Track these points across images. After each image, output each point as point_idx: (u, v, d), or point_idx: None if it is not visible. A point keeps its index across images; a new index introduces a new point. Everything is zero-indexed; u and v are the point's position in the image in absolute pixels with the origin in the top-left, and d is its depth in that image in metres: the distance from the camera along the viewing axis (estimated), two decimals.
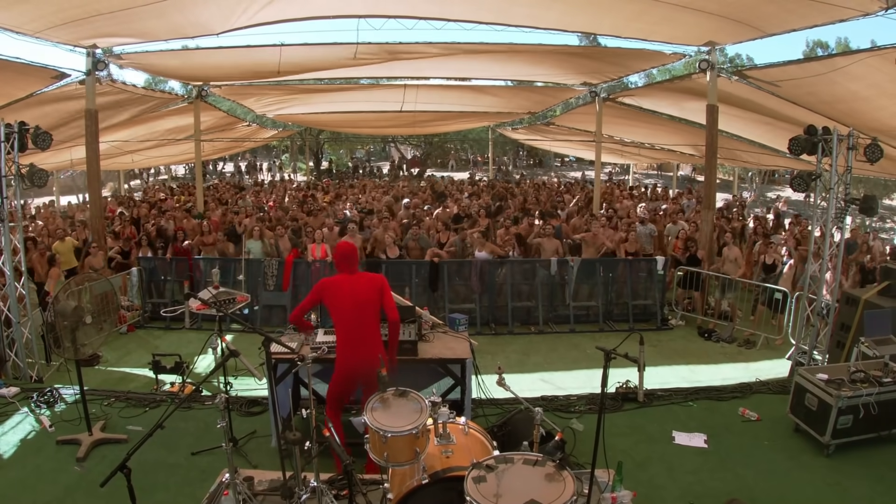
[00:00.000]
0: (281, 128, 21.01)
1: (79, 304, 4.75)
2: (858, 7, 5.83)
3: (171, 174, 28.56)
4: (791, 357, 6.65)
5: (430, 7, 7.63)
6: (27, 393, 5.44)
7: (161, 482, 4.03)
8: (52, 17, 6.69)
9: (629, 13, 7.41)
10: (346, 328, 3.80)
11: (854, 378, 4.58)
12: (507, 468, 2.60)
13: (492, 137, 24.45)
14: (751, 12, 6.78)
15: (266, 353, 3.22)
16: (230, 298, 5.30)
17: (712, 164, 9.11)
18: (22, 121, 5.74)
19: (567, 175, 30.74)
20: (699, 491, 4.00)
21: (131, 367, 6.57)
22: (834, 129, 5.90)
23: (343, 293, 3.81)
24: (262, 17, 7.58)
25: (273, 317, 8.23)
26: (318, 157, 31.81)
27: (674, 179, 24.04)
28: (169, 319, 7.82)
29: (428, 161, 33.61)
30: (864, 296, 5.92)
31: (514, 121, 19.61)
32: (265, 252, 8.69)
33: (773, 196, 23.01)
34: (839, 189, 6.01)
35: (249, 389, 5.59)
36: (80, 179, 17.58)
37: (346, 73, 11.15)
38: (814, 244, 6.44)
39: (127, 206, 13.45)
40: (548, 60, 10.29)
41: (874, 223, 17.18)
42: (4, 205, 5.72)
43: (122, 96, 9.89)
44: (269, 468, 3.97)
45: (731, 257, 8.29)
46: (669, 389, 5.65)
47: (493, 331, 8.03)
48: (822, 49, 21.64)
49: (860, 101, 7.41)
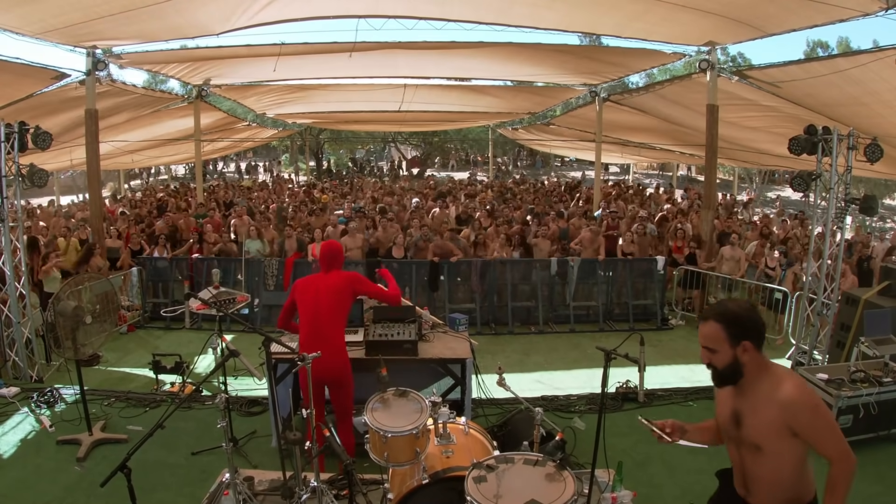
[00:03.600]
0: (281, 127, 21.02)
1: (79, 304, 4.75)
2: (858, 7, 5.82)
3: (171, 174, 28.53)
4: (791, 357, 6.65)
5: (430, 7, 7.62)
6: (27, 393, 5.44)
7: (161, 482, 4.03)
8: (52, 19, 6.70)
9: (629, 13, 7.40)
10: (305, 328, 3.76)
11: (854, 378, 4.59)
12: (507, 468, 2.59)
13: (492, 137, 24.45)
14: (751, 12, 6.77)
15: (266, 353, 3.21)
16: (230, 298, 5.30)
17: (712, 164, 9.11)
18: (22, 121, 5.75)
19: (567, 175, 30.72)
20: (699, 491, 3.99)
21: (131, 367, 6.57)
22: (834, 129, 5.90)
23: (309, 293, 3.78)
24: (261, 17, 7.58)
25: (273, 317, 8.21)
26: (319, 157, 31.81)
27: (674, 179, 24.06)
28: (169, 319, 7.82)
29: (428, 161, 33.59)
30: (864, 296, 5.92)
31: (513, 120, 19.62)
32: (265, 252, 8.70)
33: (773, 196, 23.03)
34: (839, 189, 6.01)
35: (249, 389, 5.60)
36: (81, 179, 17.58)
37: (346, 73, 11.15)
38: (814, 244, 6.45)
39: (130, 206, 13.43)
40: (548, 60, 10.28)
41: (874, 223, 17.18)
42: (4, 205, 5.73)
43: (122, 98, 9.90)
44: (270, 468, 3.96)
45: (736, 257, 8.26)
46: (669, 389, 5.66)
47: (493, 331, 8.03)
48: (823, 49, 21.63)
49: (861, 106, 7.41)
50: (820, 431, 1.95)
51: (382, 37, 8.56)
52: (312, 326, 3.73)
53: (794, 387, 1.96)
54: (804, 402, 1.94)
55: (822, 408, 1.99)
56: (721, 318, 2.03)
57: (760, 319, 2.09)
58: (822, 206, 6.16)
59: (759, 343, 2.05)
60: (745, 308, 2.08)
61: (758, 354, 2.04)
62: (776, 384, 1.99)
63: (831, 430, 1.98)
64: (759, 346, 2.05)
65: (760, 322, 2.08)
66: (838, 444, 1.97)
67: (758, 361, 2.04)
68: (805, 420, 1.94)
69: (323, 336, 3.68)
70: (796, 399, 1.94)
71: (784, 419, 1.94)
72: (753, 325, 2.04)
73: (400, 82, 12.51)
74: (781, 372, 2.05)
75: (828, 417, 2.01)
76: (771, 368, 2.06)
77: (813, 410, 1.95)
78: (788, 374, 2.06)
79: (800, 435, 1.95)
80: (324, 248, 4.00)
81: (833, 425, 2.01)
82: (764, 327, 2.10)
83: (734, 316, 2.03)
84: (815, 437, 1.95)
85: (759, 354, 2.04)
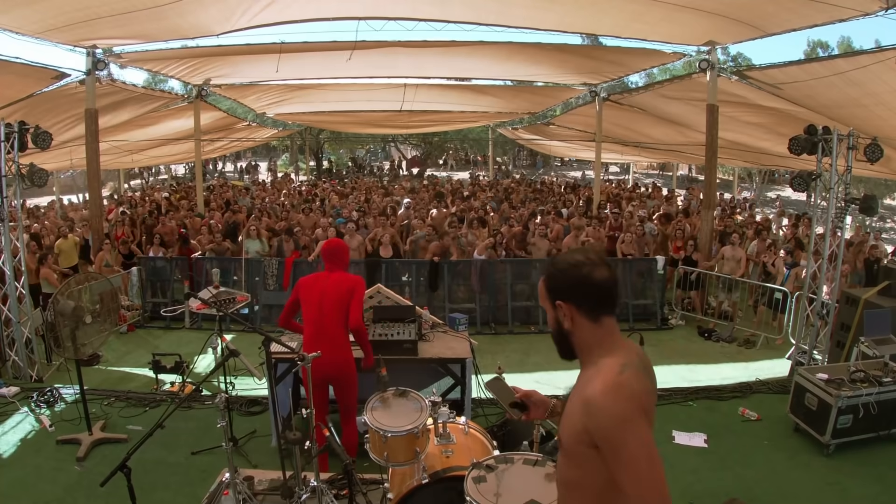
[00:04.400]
0: (281, 127, 21.03)
1: (79, 304, 4.75)
2: (858, 7, 5.82)
3: (171, 174, 28.55)
4: (791, 357, 6.65)
5: (430, 9, 7.63)
6: (27, 392, 5.44)
7: (161, 482, 4.03)
8: (52, 19, 6.71)
9: (629, 14, 7.40)
10: (309, 326, 3.77)
11: (854, 378, 4.59)
12: (507, 468, 2.59)
13: (492, 137, 24.45)
14: (751, 12, 6.77)
15: (266, 353, 3.22)
16: (230, 298, 5.30)
17: (712, 164, 9.12)
18: (22, 120, 5.75)
19: (567, 175, 30.73)
20: (699, 490, 4.01)
21: (131, 367, 6.57)
22: (834, 129, 5.91)
23: (313, 291, 3.78)
24: (262, 18, 7.59)
25: (273, 316, 8.23)
26: (319, 157, 31.81)
27: (674, 179, 24.06)
28: (169, 319, 7.82)
29: (428, 161, 33.60)
30: (864, 296, 5.92)
31: (513, 120, 19.63)
32: (264, 252, 8.70)
33: (773, 196, 23.03)
34: (839, 189, 6.01)
35: (249, 389, 5.60)
36: (81, 179, 17.58)
37: (347, 73, 11.15)
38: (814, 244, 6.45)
39: (129, 205, 13.43)
40: (548, 60, 10.29)
41: (874, 223, 17.18)
42: (4, 204, 5.73)
43: (122, 97, 9.90)
44: (269, 468, 3.96)
45: (737, 257, 8.26)
46: (669, 389, 5.65)
47: (493, 330, 8.03)
48: (823, 49, 21.64)
49: (860, 108, 7.41)
50: (620, 453, 1.37)
51: (383, 38, 8.58)
52: (316, 325, 3.74)
53: (603, 385, 1.42)
54: (608, 410, 1.39)
55: (635, 426, 1.38)
56: (545, 270, 1.61)
57: (590, 275, 1.50)
58: (822, 206, 6.16)
59: (582, 306, 1.52)
60: (572, 258, 1.55)
61: (587, 325, 1.52)
62: (594, 376, 1.48)
63: (635, 462, 1.36)
64: (585, 313, 1.52)
65: (586, 279, 1.50)
66: (641, 486, 1.35)
67: (586, 336, 1.54)
68: (604, 432, 1.40)
69: (327, 334, 3.70)
70: (599, 401, 1.41)
71: (583, 421, 1.44)
72: (570, 279, 1.52)
73: (400, 82, 12.52)
74: (611, 365, 1.47)
75: (639, 441, 1.37)
76: (607, 355, 1.51)
77: (618, 424, 1.38)
78: (613, 369, 1.46)
79: (601, 449, 1.42)
80: (326, 246, 4.00)
81: (643, 458, 1.36)
82: (596, 287, 1.50)
83: (553, 267, 1.58)
84: (613, 459, 1.39)
85: (589, 325, 1.52)
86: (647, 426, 1.43)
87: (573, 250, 1.63)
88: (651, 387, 1.56)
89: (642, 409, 1.43)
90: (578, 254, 1.56)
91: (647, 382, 1.53)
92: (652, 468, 1.36)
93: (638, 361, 1.54)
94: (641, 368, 1.53)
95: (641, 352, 1.63)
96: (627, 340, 1.61)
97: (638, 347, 1.64)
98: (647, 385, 1.52)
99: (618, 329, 1.58)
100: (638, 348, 1.63)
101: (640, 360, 1.56)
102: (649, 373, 1.59)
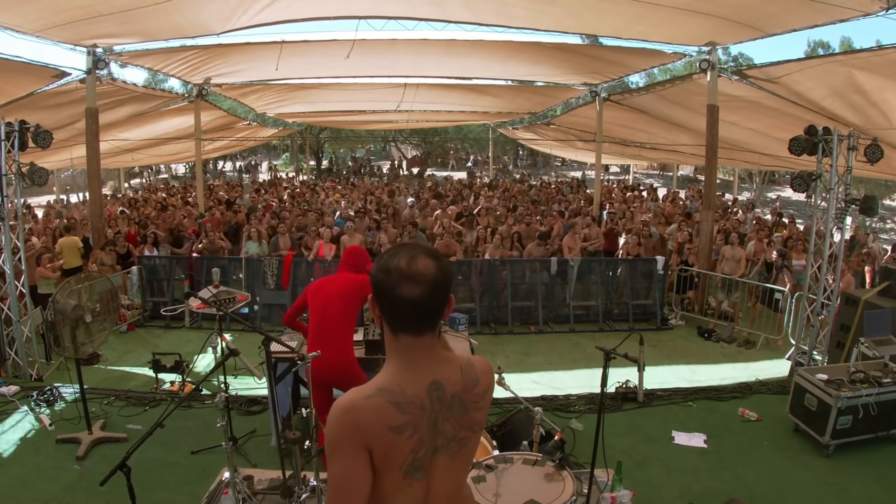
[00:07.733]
0: (281, 126, 21.04)
1: (79, 303, 4.75)
2: (859, 7, 5.82)
3: (171, 173, 28.56)
4: (791, 357, 6.65)
5: (430, 9, 7.63)
6: (27, 391, 5.44)
7: (161, 481, 4.03)
8: (52, 17, 6.70)
9: (629, 16, 7.40)
10: (313, 326, 3.80)
11: (854, 378, 4.58)
12: (506, 468, 2.60)
13: (492, 137, 24.44)
14: (751, 12, 6.77)
15: (266, 353, 3.22)
16: (230, 297, 5.30)
17: (712, 164, 9.10)
18: (22, 119, 5.74)
19: (567, 175, 30.72)
20: (698, 490, 4.01)
21: (131, 366, 6.57)
22: (834, 130, 5.90)
23: (321, 293, 3.83)
24: (262, 17, 7.58)
25: (273, 316, 8.24)
26: (319, 156, 31.79)
27: (674, 179, 24.04)
28: (169, 318, 7.82)
29: (428, 161, 33.58)
30: (864, 296, 5.92)
31: (513, 120, 19.63)
32: (264, 253, 8.70)
33: (774, 196, 23.02)
34: (839, 189, 6.01)
35: (249, 389, 5.60)
36: (81, 178, 17.57)
37: (346, 73, 11.14)
38: (814, 244, 6.44)
39: (130, 205, 13.41)
40: (548, 60, 10.28)
41: (874, 223, 17.18)
42: (4, 204, 5.73)
43: (122, 96, 9.89)
44: (269, 467, 3.97)
45: (737, 257, 8.26)
46: (669, 389, 5.65)
47: (493, 330, 8.03)
48: (824, 49, 21.64)
49: (859, 108, 7.40)
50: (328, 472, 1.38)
51: (383, 37, 8.58)
52: (319, 327, 3.76)
53: (339, 401, 1.37)
54: (328, 427, 1.36)
55: (338, 454, 1.33)
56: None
57: (392, 290, 1.34)
58: (823, 206, 6.16)
59: (383, 314, 1.39)
60: (391, 263, 1.37)
61: (388, 332, 1.40)
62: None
63: (328, 487, 1.35)
64: (386, 322, 1.39)
65: (388, 292, 1.34)
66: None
67: (388, 341, 1.42)
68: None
69: (328, 336, 3.71)
70: (330, 415, 1.37)
71: None
72: (376, 285, 1.38)
73: (400, 81, 12.51)
74: (369, 384, 1.40)
75: (335, 471, 1.33)
76: (385, 372, 1.41)
77: (328, 444, 1.36)
78: (365, 389, 1.38)
79: None
80: (347, 251, 4.13)
81: (332, 489, 1.33)
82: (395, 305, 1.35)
83: (375, 264, 1.44)
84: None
85: (389, 334, 1.41)
86: (355, 458, 1.32)
87: (399, 249, 1.41)
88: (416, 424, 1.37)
89: (359, 441, 1.32)
90: (401, 257, 1.37)
91: (404, 418, 1.36)
92: (334, 501, 1.31)
93: (413, 395, 1.37)
94: (411, 403, 1.37)
95: (449, 384, 1.43)
96: (438, 367, 1.42)
97: (448, 379, 1.43)
98: (403, 420, 1.35)
99: (421, 350, 1.40)
100: (445, 380, 1.42)
101: (428, 394, 1.38)
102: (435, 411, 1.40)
